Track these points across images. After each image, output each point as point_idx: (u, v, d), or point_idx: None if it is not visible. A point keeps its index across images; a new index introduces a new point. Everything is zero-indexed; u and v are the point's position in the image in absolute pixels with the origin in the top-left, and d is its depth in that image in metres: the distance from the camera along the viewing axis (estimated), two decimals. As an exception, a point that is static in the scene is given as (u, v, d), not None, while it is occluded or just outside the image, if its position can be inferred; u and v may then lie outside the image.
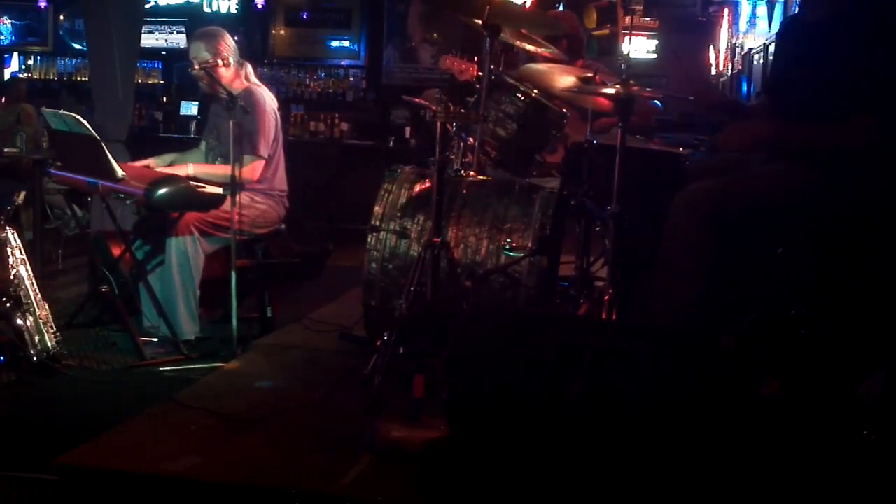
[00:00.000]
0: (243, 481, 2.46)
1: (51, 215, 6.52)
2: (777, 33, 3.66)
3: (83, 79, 9.52)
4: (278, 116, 4.25)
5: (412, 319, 3.05)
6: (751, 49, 7.59)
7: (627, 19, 7.07)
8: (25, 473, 2.56)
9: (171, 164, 4.23)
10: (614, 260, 3.19)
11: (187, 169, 4.05)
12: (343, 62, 9.64)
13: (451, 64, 4.55)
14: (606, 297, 3.15)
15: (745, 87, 7.83)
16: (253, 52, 9.19)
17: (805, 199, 2.80)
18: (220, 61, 4.11)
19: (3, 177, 6.10)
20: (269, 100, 4.21)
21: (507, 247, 3.42)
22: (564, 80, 3.66)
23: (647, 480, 2.22)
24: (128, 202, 3.96)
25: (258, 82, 4.34)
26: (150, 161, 4.29)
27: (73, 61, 10.11)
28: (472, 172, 3.63)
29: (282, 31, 9.76)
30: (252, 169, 4.04)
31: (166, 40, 9.87)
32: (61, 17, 10.23)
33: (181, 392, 3.20)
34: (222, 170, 4.01)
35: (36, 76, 10.21)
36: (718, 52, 9.25)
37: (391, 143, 8.81)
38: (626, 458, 2.23)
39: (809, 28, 3.00)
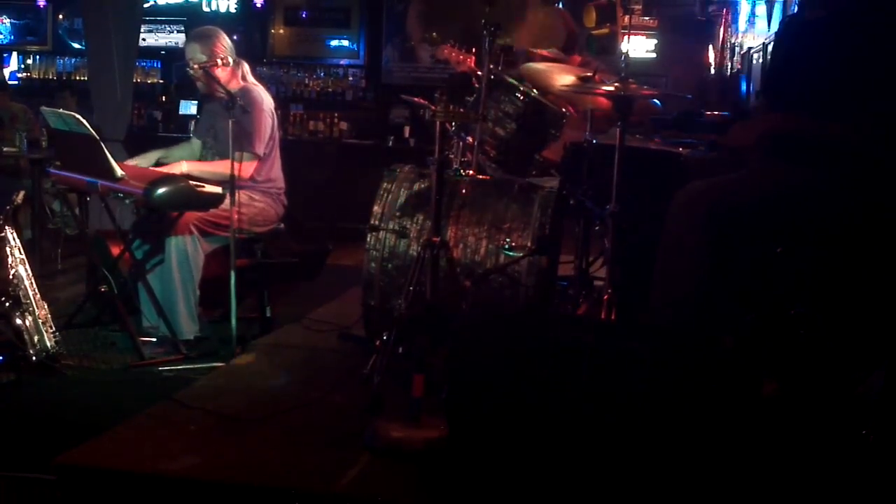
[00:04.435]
0: (243, 481, 2.46)
1: (50, 215, 6.50)
2: (776, 33, 3.66)
3: (82, 78, 9.50)
4: (275, 115, 4.25)
5: (411, 319, 3.04)
6: (750, 48, 7.58)
7: (626, 18, 7.06)
8: (24, 473, 2.55)
9: (159, 162, 4.22)
10: (613, 259, 3.19)
11: (181, 167, 4.04)
12: (342, 61, 9.62)
13: (449, 53, 4.52)
14: (606, 297, 3.15)
15: (744, 87, 7.82)
16: (252, 51, 9.17)
17: (803, 198, 2.79)
18: (218, 61, 4.11)
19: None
20: (265, 98, 4.21)
21: (507, 246, 3.42)
22: (564, 78, 3.66)
23: (647, 480, 2.22)
24: (127, 202, 3.96)
25: (255, 81, 4.34)
26: (136, 160, 4.24)
27: (73, 60, 10.08)
28: (471, 172, 3.63)
29: (281, 31, 9.74)
30: (245, 167, 4.04)
31: (165, 40, 9.86)
32: (60, 17, 10.20)
33: (180, 392, 3.21)
34: (216, 167, 4.03)
35: (35, 75, 10.20)
36: (718, 51, 9.23)
37: (390, 143, 8.80)
38: (626, 458, 2.23)
39: (809, 28, 3.00)
